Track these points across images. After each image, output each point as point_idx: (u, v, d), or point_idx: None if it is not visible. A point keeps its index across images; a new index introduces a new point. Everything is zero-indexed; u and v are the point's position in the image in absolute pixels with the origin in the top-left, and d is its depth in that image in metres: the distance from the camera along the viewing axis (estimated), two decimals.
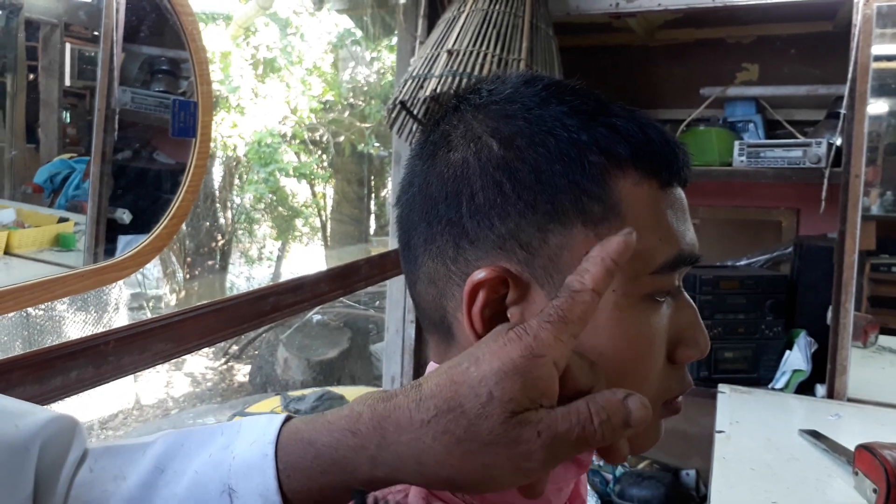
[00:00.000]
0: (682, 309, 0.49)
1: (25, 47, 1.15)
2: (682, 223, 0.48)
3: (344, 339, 4.80)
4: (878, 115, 2.16)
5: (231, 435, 0.43)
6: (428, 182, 0.48)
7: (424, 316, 0.52)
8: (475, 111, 0.48)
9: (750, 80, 2.23)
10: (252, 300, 1.21)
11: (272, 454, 0.41)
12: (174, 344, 1.04)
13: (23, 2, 1.14)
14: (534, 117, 0.46)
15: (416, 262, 0.50)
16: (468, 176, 0.46)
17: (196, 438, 0.44)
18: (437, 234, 0.48)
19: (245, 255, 8.13)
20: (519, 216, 0.45)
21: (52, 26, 1.17)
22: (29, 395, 0.81)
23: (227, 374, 5.64)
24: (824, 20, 2.09)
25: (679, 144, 0.48)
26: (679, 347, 0.49)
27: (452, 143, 0.48)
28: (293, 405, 2.66)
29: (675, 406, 0.50)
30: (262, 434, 0.42)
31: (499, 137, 0.46)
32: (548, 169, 0.44)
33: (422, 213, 0.49)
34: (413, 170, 0.51)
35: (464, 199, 0.46)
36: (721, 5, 1.82)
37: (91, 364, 0.91)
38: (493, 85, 0.49)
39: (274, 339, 4.95)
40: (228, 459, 0.41)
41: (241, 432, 0.43)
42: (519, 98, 0.47)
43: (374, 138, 6.29)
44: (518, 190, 0.45)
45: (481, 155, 0.46)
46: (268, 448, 0.41)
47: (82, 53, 1.19)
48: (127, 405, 4.90)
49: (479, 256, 0.46)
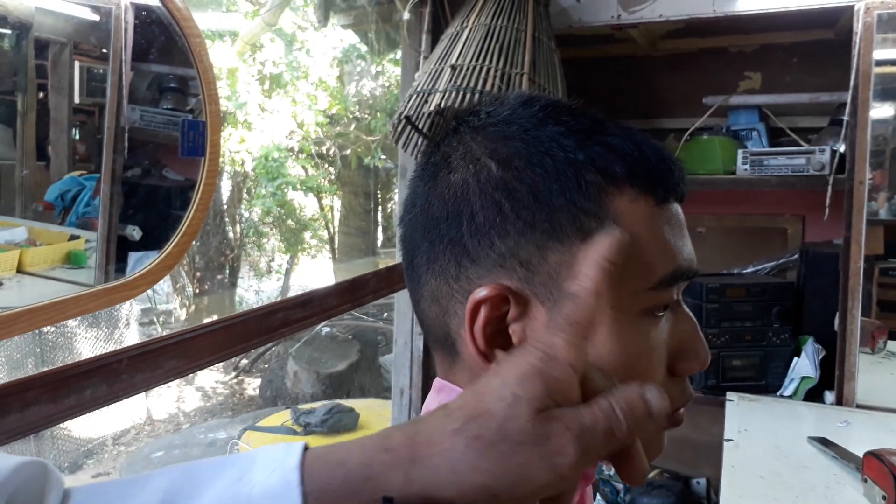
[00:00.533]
0: (682, 322, 0.50)
1: (35, 66, 1.17)
2: (679, 238, 0.48)
3: (353, 352, 4.81)
4: (884, 120, 2.17)
5: (244, 466, 0.41)
6: (430, 203, 0.50)
7: (429, 333, 0.53)
8: (474, 133, 0.49)
9: (753, 88, 2.24)
10: (261, 316, 1.23)
11: (297, 481, 0.39)
12: (186, 360, 1.06)
13: (32, 22, 1.16)
14: (531, 138, 0.47)
15: (419, 280, 0.51)
16: (468, 196, 0.47)
17: (204, 472, 0.41)
18: (439, 253, 0.49)
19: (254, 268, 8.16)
20: (518, 235, 0.46)
21: (62, 45, 1.19)
22: (45, 413, 0.83)
23: (237, 388, 5.65)
24: (825, 28, 2.10)
25: (675, 161, 0.49)
26: (679, 360, 0.49)
27: (452, 164, 0.49)
28: (303, 418, 2.66)
29: (677, 418, 0.51)
30: (281, 462, 0.40)
31: (497, 158, 0.47)
32: (545, 188, 0.45)
33: (424, 233, 0.50)
34: (415, 191, 0.52)
35: (464, 219, 0.47)
36: (722, 15, 1.83)
37: (105, 382, 0.92)
38: (491, 107, 0.51)
39: (283, 352, 4.96)
40: (246, 490, 0.39)
41: (256, 462, 0.41)
42: (516, 119, 0.48)
43: (380, 151, 6.32)
44: (517, 209, 0.46)
45: (480, 176, 0.47)
46: (291, 475, 0.39)
47: (91, 71, 1.21)
48: (139, 420, 4.92)
49: (480, 275, 0.47)
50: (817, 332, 1.94)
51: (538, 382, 0.37)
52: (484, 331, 0.46)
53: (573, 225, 0.45)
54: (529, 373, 0.37)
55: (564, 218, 0.45)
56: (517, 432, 0.37)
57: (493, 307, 0.46)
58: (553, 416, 0.37)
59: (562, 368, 0.38)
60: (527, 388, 0.37)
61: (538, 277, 0.46)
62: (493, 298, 0.46)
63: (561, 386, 0.38)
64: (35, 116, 1.17)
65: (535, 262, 0.46)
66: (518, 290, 0.46)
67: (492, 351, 0.47)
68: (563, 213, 0.45)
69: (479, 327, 0.46)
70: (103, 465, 4.32)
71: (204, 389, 5.58)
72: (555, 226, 0.45)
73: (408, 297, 0.55)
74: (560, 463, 0.36)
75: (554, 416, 0.37)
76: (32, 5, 1.18)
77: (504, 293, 0.46)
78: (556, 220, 0.45)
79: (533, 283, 0.46)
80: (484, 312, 0.46)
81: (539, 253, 0.46)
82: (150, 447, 3.80)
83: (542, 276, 0.46)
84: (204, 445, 3.50)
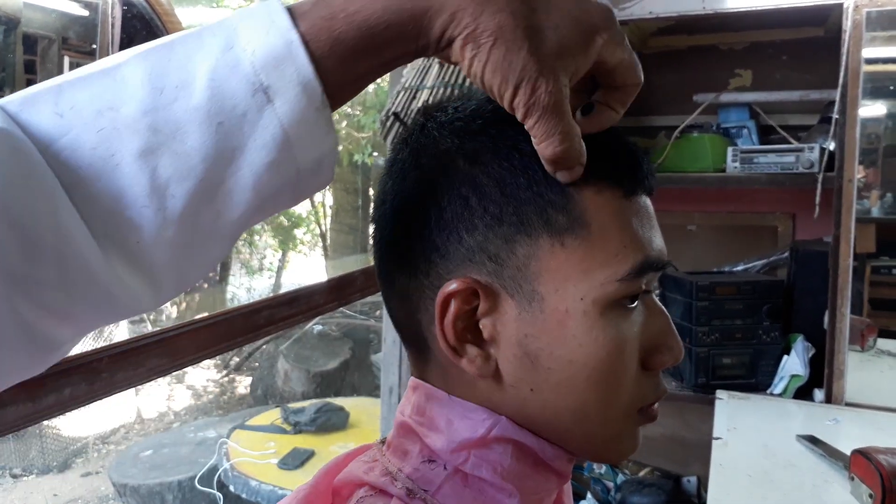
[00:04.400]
0: (655, 316, 0.50)
1: (24, 61, 1.16)
2: (648, 230, 0.48)
3: (344, 350, 4.80)
4: (876, 118, 2.17)
5: (227, 35, 0.38)
6: (398, 199, 0.50)
7: (401, 331, 0.53)
8: (441, 128, 0.49)
9: (743, 85, 2.24)
10: (246, 314, 1.22)
11: (298, 40, 0.38)
12: (169, 359, 1.04)
13: (20, 17, 1.15)
14: (497, 133, 0.47)
15: (390, 278, 0.51)
16: (436, 192, 0.47)
17: (178, 51, 0.38)
18: (408, 249, 0.49)
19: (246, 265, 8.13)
20: (486, 229, 0.46)
21: (50, 40, 1.18)
22: (22, 413, 0.81)
23: (228, 387, 5.63)
24: (816, 26, 2.10)
25: (642, 155, 0.49)
26: (652, 354, 0.49)
27: (420, 160, 0.49)
28: (293, 417, 2.66)
29: (651, 413, 0.51)
30: (270, 22, 0.38)
31: (464, 153, 0.47)
32: (512, 182, 0.45)
33: (394, 230, 0.50)
34: (384, 188, 0.52)
35: (432, 215, 0.47)
36: (712, 12, 1.83)
37: (85, 381, 0.91)
38: (458, 102, 0.50)
39: (274, 350, 4.95)
40: (246, 59, 0.37)
41: (239, 31, 0.38)
42: (483, 114, 0.48)
43: (370, 148, 6.30)
44: (484, 203, 0.46)
45: (448, 170, 0.47)
46: (289, 34, 0.38)
47: (80, 66, 1.20)
48: (129, 419, 4.89)
49: (449, 270, 0.47)
50: (807, 330, 1.94)
51: (605, 18, 0.42)
52: (454, 325, 0.46)
53: (540, 218, 0.45)
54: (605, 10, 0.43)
55: (531, 211, 0.45)
56: (552, 30, 0.41)
57: (462, 301, 0.46)
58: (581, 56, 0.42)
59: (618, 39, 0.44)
60: (597, 14, 0.42)
61: (507, 271, 0.46)
62: (462, 292, 0.46)
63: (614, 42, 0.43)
64: None
65: (504, 256, 0.46)
66: (487, 284, 0.46)
67: (462, 346, 0.47)
68: (530, 206, 0.45)
69: (448, 322, 0.46)
70: (92, 464, 4.30)
71: (194, 388, 5.56)
72: (522, 219, 0.45)
73: None
74: (528, 92, 0.40)
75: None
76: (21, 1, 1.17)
77: (473, 287, 0.46)
78: (523, 214, 0.45)
79: (502, 277, 0.46)
80: (454, 307, 0.46)
81: (507, 246, 0.45)
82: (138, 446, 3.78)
83: (511, 269, 0.46)
84: (193, 444, 3.48)
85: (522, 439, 0.49)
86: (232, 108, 0.37)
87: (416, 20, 0.40)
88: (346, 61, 0.39)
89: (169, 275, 0.40)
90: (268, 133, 0.38)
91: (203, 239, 0.40)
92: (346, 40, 0.39)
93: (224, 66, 0.37)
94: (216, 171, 0.38)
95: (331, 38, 0.39)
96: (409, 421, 0.51)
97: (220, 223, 0.40)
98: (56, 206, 0.35)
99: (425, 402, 0.51)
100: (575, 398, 0.47)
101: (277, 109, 0.38)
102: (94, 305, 0.38)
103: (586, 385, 0.46)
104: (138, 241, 0.38)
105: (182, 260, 0.40)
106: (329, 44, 0.38)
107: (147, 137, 0.37)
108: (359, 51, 0.39)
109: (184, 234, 0.39)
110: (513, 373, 0.47)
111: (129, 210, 0.37)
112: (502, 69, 0.40)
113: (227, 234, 0.41)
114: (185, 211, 0.38)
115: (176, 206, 0.37)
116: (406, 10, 0.39)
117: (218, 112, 0.37)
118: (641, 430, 0.52)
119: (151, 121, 0.37)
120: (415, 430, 0.50)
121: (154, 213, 0.37)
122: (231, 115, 0.37)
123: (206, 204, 0.38)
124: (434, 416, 0.50)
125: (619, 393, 0.48)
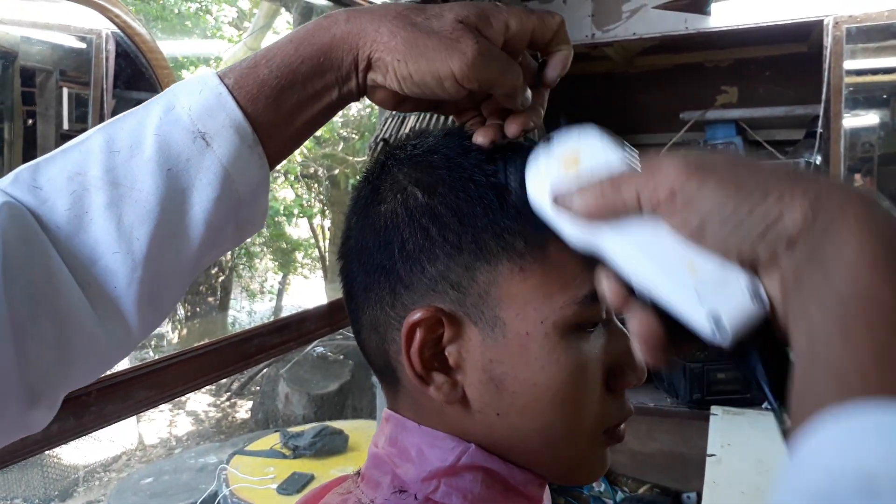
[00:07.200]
0: (616, 338, 0.51)
1: (21, 94, 1.17)
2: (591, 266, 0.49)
3: (345, 372, 4.78)
4: (870, 127, 2.19)
5: (167, 101, 0.45)
6: (363, 234, 0.51)
7: (371, 363, 0.54)
8: (400, 165, 0.51)
9: (729, 102, 2.26)
10: (236, 343, 1.22)
11: (226, 92, 0.45)
12: (158, 390, 1.05)
13: (17, 51, 1.17)
14: (454, 165, 0.48)
15: (358, 311, 0.52)
16: (397, 224, 0.49)
17: (130, 119, 0.45)
18: (374, 282, 0.50)
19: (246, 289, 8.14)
20: (447, 258, 0.47)
21: (48, 73, 1.20)
22: (8, 449, 0.82)
23: (229, 411, 5.62)
24: (799, 42, 2.13)
25: None
26: (616, 375, 0.50)
27: (381, 195, 0.50)
28: (292, 441, 2.65)
29: (617, 434, 0.52)
30: (203, 84, 0.45)
31: (422, 186, 0.49)
32: (469, 211, 0.47)
33: (359, 264, 0.51)
34: (349, 224, 0.53)
35: (395, 247, 0.48)
36: (694, 32, 1.86)
37: (73, 415, 0.92)
38: (416, 139, 0.52)
39: (275, 373, 4.93)
40: (184, 114, 0.45)
41: (178, 95, 0.45)
42: (441, 149, 0.50)
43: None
44: (444, 233, 0.47)
45: (408, 204, 0.49)
46: (218, 88, 0.45)
47: (80, 98, 1.22)
48: (130, 446, 4.88)
49: (414, 300, 0.48)
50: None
51: (474, 9, 0.46)
52: (420, 354, 0.47)
53: (499, 244, 0.47)
54: (470, 4, 0.47)
55: (489, 237, 0.47)
56: (438, 26, 0.45)
57: (427, 330, 0.47)
58: (472, 30, 0.45)
59: (499, 15, 0.46)
60: (463, 7, 0.46)
61: (469, 298, 0.47)
62: (426, 320, 0.47)
63: (490, 21, 0.46)
64: (22, 145, 1.17)
65: (465, 284, 0.47)
66: (451, 312, 0.47)
67: (429, 374, 0.48)
68: (488, 232, 0.47)
69: (415, 350, 0.47)
70: (94, 492, 4.28)
71: (196, 413, 5.55)
72: (481, 246, 0.47)
73: None
74: (458, 57, 0.44)
75: (472, 31, 0.45)
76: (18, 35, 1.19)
77: (437, 315, 0.47)
78: (481, 241, 0.47)
79: (465, 305, 0.47)
80: (419, 335, 0.47)
81: (468, 274, 0.47)
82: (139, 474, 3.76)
83: (473, 296, 0.47)
84: (194, 471, 3.47)
85: (492, 465, 0.50)
86: (177, 156, 0.44)
87: (325, 52, 0.46)
88: (275, 99, 0.46)
89: (142, 317, 0.45)
90: (211, 172, 0.45)
91: (168, 277, 0.46)
92: (270, 80, 0.46)
93: (167, 122, 0.45)
94: (171, 210, 0.44)
95: (257, 82, 0.46)
96: (382, 452, 0.52)
97: (181, 260, 0.46)
98: (49, 259, 0.41)
99: (397, 432, 0.52)
100: (541, 421, 0.48)
101: (216, 151, 0.45)
102: (84, 357, 0.44)
103: (551, 407, 0.47)
104: (115, 286, 0.44)
105: (151, 302, 0.46)
106: (256, 87, 0.46)
107: (110, 191, 0.43)
108: (284, 88, 0.46)
109: (151, 273, 0.44)
110: (479, 398, 0.48)
111: (104, 258, 0.43)
112: (425, 56, 0.45)
113: (188, 271, 0.47)
114: (149, 252, 0.44)
115: (141, 247, 0.43)
116: (315, 45, 0.46)
117: (166, 161, 0.44)
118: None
119: (112, 177, 0.43)
120: (386, 461, 0.52)
121: (123, 256, 0.43)
122: (177, 161, 0.44)
123: (167, 242, 0.44)
124: (406, 445, 0.51)
125: (583, 414, 0.49)
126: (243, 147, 0.45)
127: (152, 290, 0.45)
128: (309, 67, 0.46)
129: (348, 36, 0.46)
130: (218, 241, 0.48)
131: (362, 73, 0.47)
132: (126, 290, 0.44)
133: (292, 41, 0.47)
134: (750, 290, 0.34)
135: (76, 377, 0.46)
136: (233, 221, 0.48)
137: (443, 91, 0.46)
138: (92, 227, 0.43)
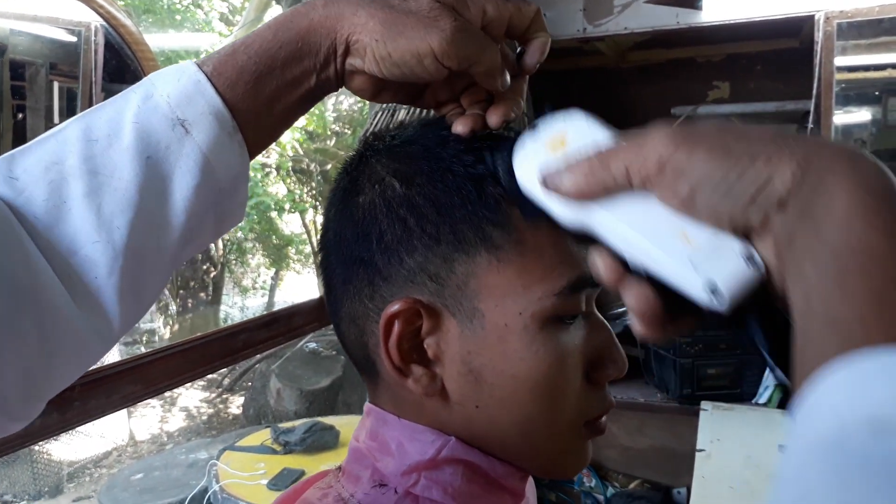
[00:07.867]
0: (597, 330, 0.50)
1: (11, 87, 1.16)
2: (584, 246, 0.49)
3: (337, 367, 4.77)
4: (862, 123, 2.19)
5: (145, 89, 0.45)
6: (341, 226, 0.51)
7: (351, 356, 0.53)
8: (378, 155, 0.50)
9: (722, 97, 2.26)
10: (223, 338, 1.22)
11: (204, 79, 0.45)
12: (143, 386, 1.04)
13: (7, 43, 1.15)
14: (433, 156, 0.48)
15: (337, 303, 0.52)
16: (375, 216, 0.48)
17: (108, 108, 0.45)
18: (353, 274, 0.49)
19: (238, 285, 8.12)
20: (425, 249, 0.47)
21: (38, 66, 1.19)
22: None
23: (221, 407, 5.61)
24: (791, 37, 2.12)
25: None
26: (597, 367, 0.50)
27: (360, 186, 0.50)
28: (283, 437, 2.63)
29: (598, 427, 0.51)
30: (181, 72, 0.45)
31: (400, 177, 0.48)
32: (447, 202, 0.46)
33: (338, 256, 0.51)
34: (328, 216, 0.53)
35: (374, 238, 0.48)
36: (686, 27, 1.85)
37: (56, 410, 0.91)
38: (394, 131, 0.52)
39: (266, 369, 4.92)
40: (163, 101, 0.44)
41: (156, 83, 0.45)
42: (419, 139, 0.50)
43: None
44: (422, 224, 0.47)
45: (385, 195, 0.48)
46: (197, 75, 0.45)
47: (70, 91, 1.21)
48: (121, 442, 4.86)
49: (392, 292, 0.48)
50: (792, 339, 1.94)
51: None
52: (399, 346, 0.47)
53: (477, 235, 0.46)
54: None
55: (468, 228, 0.46)
56: (415, 7, 0.45)
57: (406, 322, 0.46)
58: (449, 9, 0.45)
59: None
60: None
61: (447, 290, 0.47)
62: (405, 312, 0.46)
63: (467, 3, 0.46)
64: (12, 139, 1.16)
65: (444, 275, 0.47)
66: (430, 304, 0.47)
67: (408, 366, 0.47)
68: (466, 223, 0.46)
69: (393, 342, 0.46)
70: (84, 488, 4.26)
71: (188, 409, 5.53)
72: (459, 237, 0.46)
73: None
74: (437, 34, 0.44)
75: (450, 10, 0.45)
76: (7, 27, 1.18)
77: (416, 307, 0.46)
78: (459, 232, 0.46)
79: (443, 296, 0.47)
80: (397, 327, 0.46)
81: (446, 266, 0.46)
82: (129, 469, 3.75)
83: (451, 288, 0.47)
84: (185, 466, 3.46)
85: (472, 458, 0.49)
86: (157, 143, 0.44)
87: (303, 37, 0.46)
88: (254, 85, 0.46)
89: (124, 308, 0.45)
90: (191, 160, 0.44)
91: (149, 267, 0.45)
92: (248, 66, 0.46)
93: (146, 110, 0.44)
94: (152, 198, 0.44)
95: (235, 68, 0.45)
96: (362, 446, 0.52)
97: (161, 250, 0.45)
98: (26, 251, 0.41)
99: (377, 426, 0.52)
100: (520, 413, 0.47)
101: (196, 138, 0.44)
102: (65, 352, 0.43)
103: (530, 399, 0.47)
104: (96, 276, 0.43)
105: (133, 292, 0.45)
106: (235, 73, 0.45)
107: (89, 180, 0.43)
108: (262, 74, 0.46)
109: (132, 262, 0.43)
110: (458, 390, 0.48)
111: (84, 248, 0.42)
112: (404, 35, 0.45)
113: (168, 262, 0.46)
114: (130, 241, 0.43)
115: (122, 236, 0.43)
116: (293, 30, 0.46)
117: (145, 148, 0.43)
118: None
119: (91, 166, 0.43)
120: (367, 455, 0.51)
121: (104, 245, 0.42)
122: (157, 148, 0.44)
123: (147, 230, 0.44)
124: (386, 439, 0.50)
125: (563, 406, 0.48)
126: (223, 134, 0.45)
127: (133, 280, 0.44)
128: (287, 53, 0.46)
129: (326, 20, 0.46)
130: (198, 231, 0.47)
131: (340, 59, 0.47)
132: (107, 280, 0.43)
133: (270, 27, 0.47)
134: (744, 255, 0.34)
135: (57, 375, 0.45)
136: (213, 211, 0.47)
137: (423, 70, 0.45)
138: (71, 216, 0.42)
